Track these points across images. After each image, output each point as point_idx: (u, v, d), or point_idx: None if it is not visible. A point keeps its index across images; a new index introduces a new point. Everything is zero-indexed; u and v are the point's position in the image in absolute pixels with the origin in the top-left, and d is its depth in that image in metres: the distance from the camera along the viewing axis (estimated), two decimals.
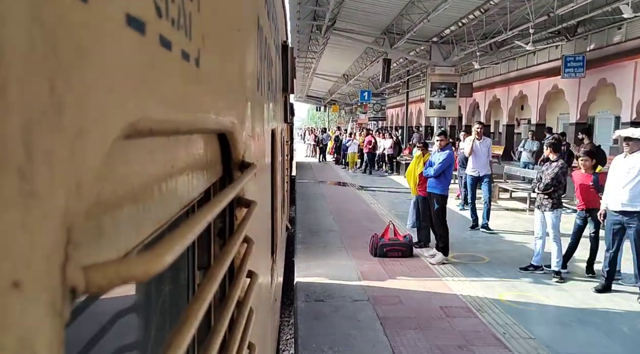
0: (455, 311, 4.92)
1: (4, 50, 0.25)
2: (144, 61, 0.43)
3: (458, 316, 4.81)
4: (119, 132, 0.38)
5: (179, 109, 0.54)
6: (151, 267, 0.37)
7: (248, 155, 1.08)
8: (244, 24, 1.07)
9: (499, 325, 4.58)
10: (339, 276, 5.98)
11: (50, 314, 0.29)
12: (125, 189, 0.44)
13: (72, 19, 0.31)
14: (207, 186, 0.83)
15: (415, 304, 5.11)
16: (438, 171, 6.48)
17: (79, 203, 0.32)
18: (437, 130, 7.56)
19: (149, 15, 0.43)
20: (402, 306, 5.07)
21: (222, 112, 0.80)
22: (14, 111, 0.25)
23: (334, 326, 4.58)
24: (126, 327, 0.84)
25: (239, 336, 0.82)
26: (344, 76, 31.20)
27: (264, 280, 1.70)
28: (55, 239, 0.30)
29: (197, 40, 0.61)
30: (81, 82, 0.32)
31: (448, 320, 4.70)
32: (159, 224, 0.55)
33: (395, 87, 32.23)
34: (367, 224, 8.84)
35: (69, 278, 0.31)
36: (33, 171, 0.27)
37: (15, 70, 0.25)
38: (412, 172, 7.20)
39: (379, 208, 10.76)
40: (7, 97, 0.25)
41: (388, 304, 5.08)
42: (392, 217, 8.91)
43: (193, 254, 0.94)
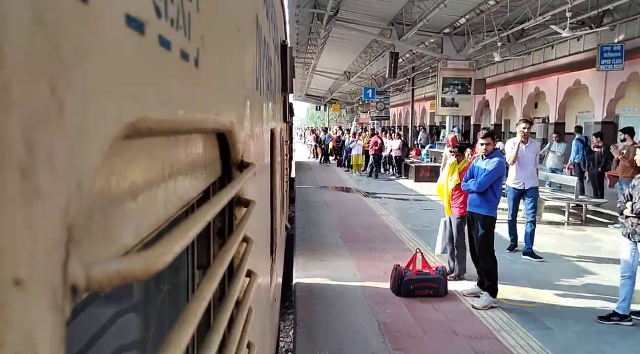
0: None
1: (5, 51, 0.25)
2: (144, 61, 0.43)
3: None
4: (119, 131, 0.38)
5: (178, 109, 0.54)
6: (151, 265, 0.37)
7: (247, 155, 1.08)
8: (243, 23, 1.08)
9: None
10: (354, 329, 4.29)
11: (52, 312, 0.29)
12: (126, 188, 0.45)
13: (73, 19, 0.31)
14: (206, 186, 0.83)
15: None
16: (484, 184, 4.93)
17: (79, 202, 0.32)
18: (482, 131, 5.79)
19: (148, 15, 0.43)
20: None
21: (221, 112, 0.80)
22: (15, 111, 0.26)
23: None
24: (126, 325, 0.84)
25: (238, 335, 0.83)
26: (345, 74, 30.66)
27: (263, 279, 1.71)
28: (56, 237, 0.30)
29: (196, 40, 0.61)
30: (81, 82, 0.32)
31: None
32: (159, 223, 0.56)
33: (400, 85, 31.51)
34: (382, 246, 7.19)
35: (69, 276, 0.31)
36: (34, 170, 0.27)
37: (16, 70, 0.26)
38: (446, 185, 5.57)
39: (392, 221, 9.12)
40: (9, 97, 0.25)
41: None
42: (409, 232, 7.63)
43: (192, 254, 0.95)
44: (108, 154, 0.36)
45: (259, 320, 1.46)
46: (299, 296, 5.25)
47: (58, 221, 0.30)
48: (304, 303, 4.99)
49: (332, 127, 40.94)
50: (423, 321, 4.49)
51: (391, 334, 4.18)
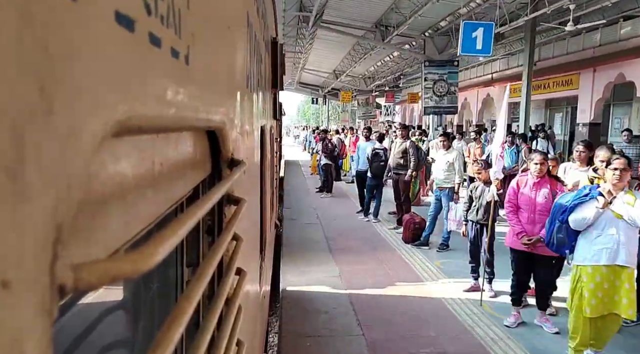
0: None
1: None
2: (134, 59, 0.43)
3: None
4: (109, 130, 0.38)
5: (168, 107, 0.54)
6: (140, 265, 0.37)
7: (237, 152, 1.07)
8: (233, 21, 1.07)
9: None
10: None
11: (39, 313, 0.29)
12: (115, 187, 0.44)
13: (62, 17, 0.30)
14: (196, 184, 0.83)
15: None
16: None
17: (68, 201, 0.32)
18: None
19: (138, 12, 0.43)
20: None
21: (212, 110, 0.80)
22: (3, 111, 0.25)
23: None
24: (115, 324, 0.84)
25: (227, 333, 0.82)
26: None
27: (253, 277, 1.70)
28: (44, 238, 0.30)
29: (186, 37, 0.61)
30: (71, 81, 0.32)
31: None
32: (149, 222, 0.55)
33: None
34: None
35: (57, 277, 0.31)
36: (22, 171, 0.27)
37: (3, 69, 0.25)
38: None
39: None
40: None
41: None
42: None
43: (182, 252, 0.94)
44: (97, 153, 0.36)
45: (249, 318, 1.46)
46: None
47: (46, 222, 0.30)
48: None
49: (340, 126, 27.88)
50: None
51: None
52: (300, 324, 4.69)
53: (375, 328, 4.60)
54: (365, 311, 5.00)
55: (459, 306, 5.14)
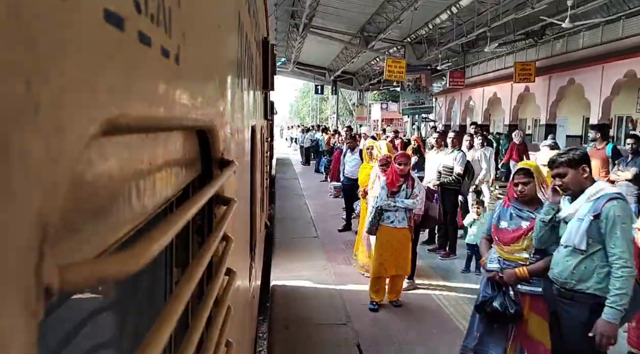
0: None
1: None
2: (123, 57, 0.42)
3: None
4: (97, 129, 0.37)
5: (158, 106, 0.54)
6: (129, 266, 0.37)
7: (228, 152, 1.07)
8: (224, 20, 1.07)
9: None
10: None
11: (24, 314, 0.29)
12: (103, 187, 0.44)
13: (49, 14, 0.30)
14: (186, 184, 0.83)
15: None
16: None
17: (55, 201, 0.32)
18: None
19: (127, 10, 0.42)
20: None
21: (202, 109, 0.79)
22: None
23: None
24: (103, 325, 0.83)
25: (216, 334, 0.82)
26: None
27: (243, 278, 1.70)
28: (30, 238, 0.29)
29: (177, 36, 0.60)
30: (58, 79, 0.31)
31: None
32: (137, 222, 0.55)
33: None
34: None
35: (43, 277, 0.31)
36: (8, 170, 0.27)
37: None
38: None
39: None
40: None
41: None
42: None
43: (171, 252, 0.94)
44: (85, 152, 0.36)
45: (238, 319, 1.46)
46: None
47: (32, 222, 0.29)
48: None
49: (356, 125, 22.16)
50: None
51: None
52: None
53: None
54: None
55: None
